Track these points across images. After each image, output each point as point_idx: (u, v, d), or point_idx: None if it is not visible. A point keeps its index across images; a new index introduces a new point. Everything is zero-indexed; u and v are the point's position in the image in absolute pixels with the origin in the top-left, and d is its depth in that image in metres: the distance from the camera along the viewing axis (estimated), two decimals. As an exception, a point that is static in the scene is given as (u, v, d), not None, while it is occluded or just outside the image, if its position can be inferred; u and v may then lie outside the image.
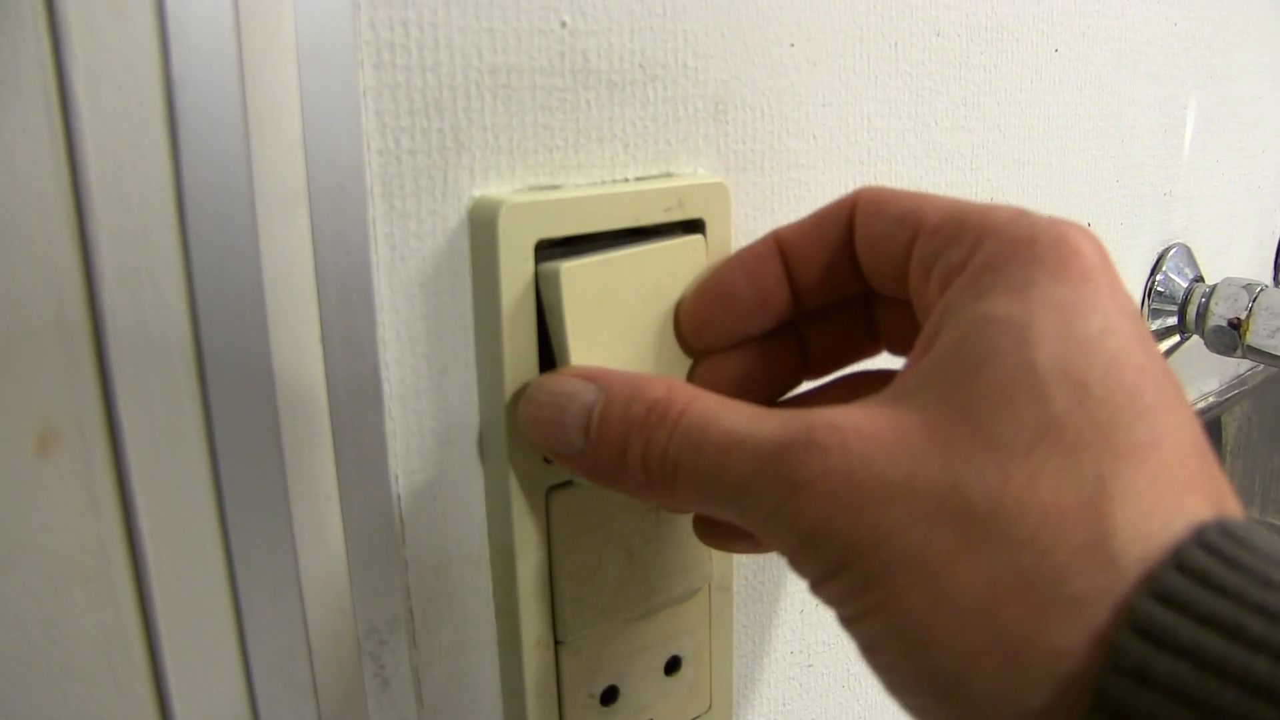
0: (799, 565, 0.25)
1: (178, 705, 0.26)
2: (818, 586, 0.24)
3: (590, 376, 0.28)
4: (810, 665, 0.46)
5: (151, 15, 0.23)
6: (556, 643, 0.33)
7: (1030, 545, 0.21)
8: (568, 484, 0.32)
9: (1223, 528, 0.21)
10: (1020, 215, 0.25)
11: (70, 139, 0.23)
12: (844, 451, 0.23)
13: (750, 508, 0.24)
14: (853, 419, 0.23)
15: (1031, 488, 0.21)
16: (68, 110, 0.22)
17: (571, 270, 0.29)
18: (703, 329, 0.32)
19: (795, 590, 0.45)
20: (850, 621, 0.24)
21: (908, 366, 0.25)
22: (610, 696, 0.35)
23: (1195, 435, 0.23)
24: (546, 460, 0.31)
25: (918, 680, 0.22)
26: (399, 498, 0.30)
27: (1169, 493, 0.21)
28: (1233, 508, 0.23)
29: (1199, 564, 0.20)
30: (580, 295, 0.30)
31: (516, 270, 0.29)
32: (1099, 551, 0.21)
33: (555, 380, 0.28)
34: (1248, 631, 0.19)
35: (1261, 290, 0.64)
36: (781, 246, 0.31)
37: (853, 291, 0.31)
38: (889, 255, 0.28)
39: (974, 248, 0.25)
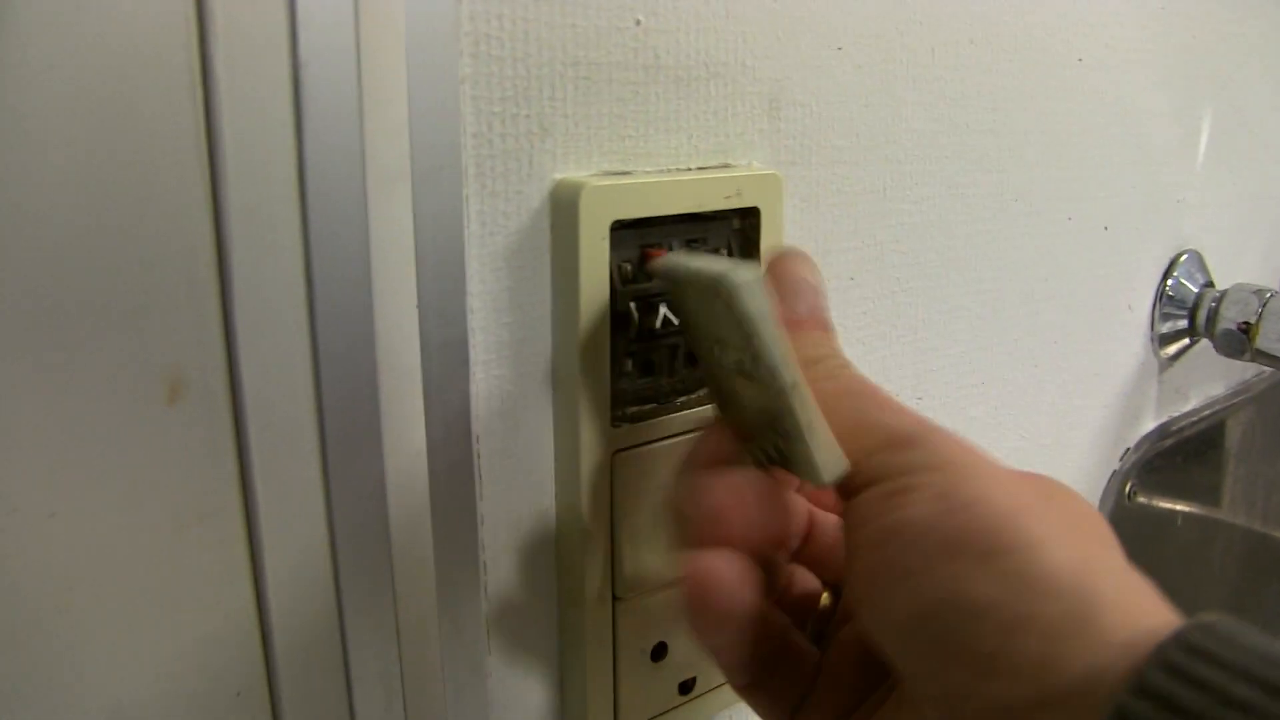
0: None
1: (278, 638, 0.29)
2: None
3: None
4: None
5: (283, 3, 0.25)
6: (614, 599, 0.35)
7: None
8: (632, 448, 0.34)
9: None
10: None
11: (209, 115, 0.25)
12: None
13: None
14: None
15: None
16: (209, 89, 0.25)
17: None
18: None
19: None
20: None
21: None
22: (660, 653, 0.37)
23: None
24: (614, 423, 0.33)
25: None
26: (479, 455, 0.32)
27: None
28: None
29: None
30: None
31: (594, 247, 0.31)
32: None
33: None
34: None
35: (1271, 296, 0.66)
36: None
37: None
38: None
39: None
